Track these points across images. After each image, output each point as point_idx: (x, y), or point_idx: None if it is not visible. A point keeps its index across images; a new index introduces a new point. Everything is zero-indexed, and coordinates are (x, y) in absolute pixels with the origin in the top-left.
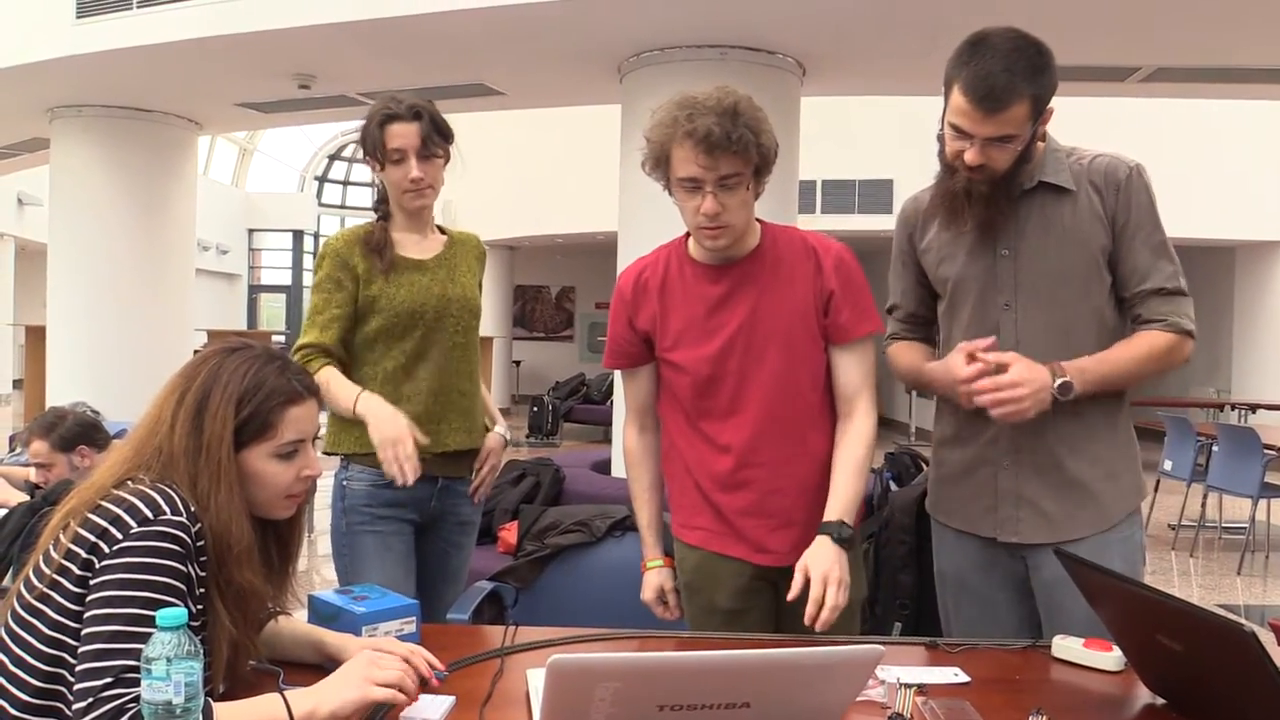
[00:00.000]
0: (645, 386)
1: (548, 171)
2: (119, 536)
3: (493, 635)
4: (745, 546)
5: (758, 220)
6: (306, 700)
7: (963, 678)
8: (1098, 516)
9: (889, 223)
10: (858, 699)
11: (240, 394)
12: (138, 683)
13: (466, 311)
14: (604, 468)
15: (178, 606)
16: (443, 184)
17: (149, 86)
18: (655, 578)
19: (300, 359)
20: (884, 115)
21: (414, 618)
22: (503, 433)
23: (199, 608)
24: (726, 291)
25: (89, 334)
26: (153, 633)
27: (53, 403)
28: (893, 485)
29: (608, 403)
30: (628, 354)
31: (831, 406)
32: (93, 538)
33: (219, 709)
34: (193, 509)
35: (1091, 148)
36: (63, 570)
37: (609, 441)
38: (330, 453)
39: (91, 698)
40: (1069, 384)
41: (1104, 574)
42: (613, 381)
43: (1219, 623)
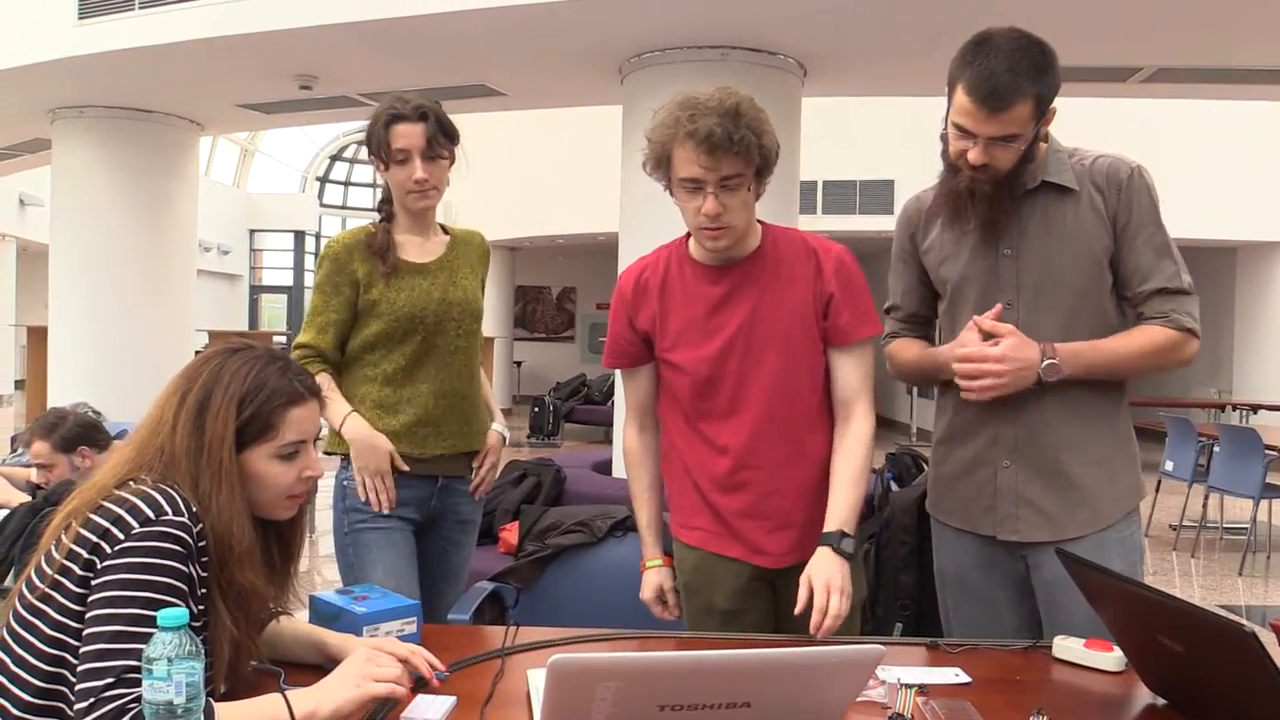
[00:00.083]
0: (645, 386)
1: (549, 172)
2: (120, 537)
3: (493, 635)
4: (743, 547)
5: (759, 221)
6: (308, 700)
7: (963, 678)
8: (1096, 516)
9: (890, 223)
10: (858, 699)
11: (242, 395)
12: (139, 683)
13: (468, 315)
14: (605, 468)
15: (179, 607)
16: (447, 185)
17: (150, 87)
18: (654, 577)
19: (297, 359)
20: (885, 116)
21: (415, 618)
22: (500, 430)
23: (200, 608)
24: (726, 292)
25: (90, 335)
26: (154, 633)
27: (54, 403)
28: (894, 486)
29: (609, 403)
30: (627, 353)
31: (830, 409)
32: (94, 538)
33: (220, 709)
34: (194, 509)
35: (1093, 149)
36: (64, 570)
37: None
38: (330, 453)
39: (93, 698)
40: (1055, 365)
41: (1105, 574)
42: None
43: (1220, 623)
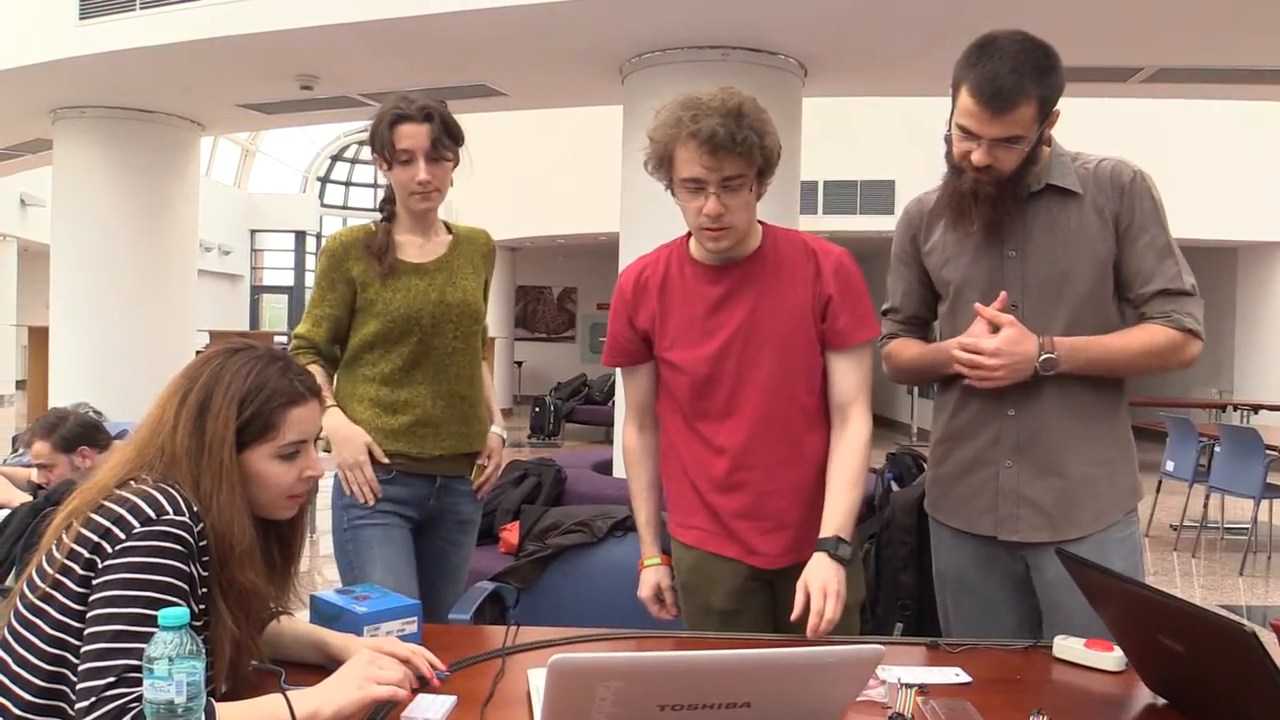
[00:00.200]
0: (645, 385)
1: (550, 172)
2: (122, 536)
3: (494, 635)
4: (739, 547)
5: (759, 222)
6: (309, 701)
7: (964, 678)
8: (1098, 516)
9: (891, 224)
10: (858, 699)
11: (242, 394)
12: (140, 682)
13: (466, 317)
14: (605, 468)
15: (180, 606)
16: (450, 186)
17: (151, 87)
18: (652, 575)
19: (291, 349)
20: (886, 116)
21: (415, 618)
22: (499, 431)
23: (201, 607)
24: (726, 292)
25: (91, 335)
26: (155, 632)
27: (55, 403)
28: (894, 486)
29: (609, 403)
30: (627, 352)
31: (827, 411)
32: (95, 538)
33: (221, 709)
34: (195, 509)
35: (1095, 152)
36: (65, 570)
37: (610, 442)
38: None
39: (94, 697)
40: (1052, 360)
41: (1105, 574)
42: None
43: (1220, 623)
